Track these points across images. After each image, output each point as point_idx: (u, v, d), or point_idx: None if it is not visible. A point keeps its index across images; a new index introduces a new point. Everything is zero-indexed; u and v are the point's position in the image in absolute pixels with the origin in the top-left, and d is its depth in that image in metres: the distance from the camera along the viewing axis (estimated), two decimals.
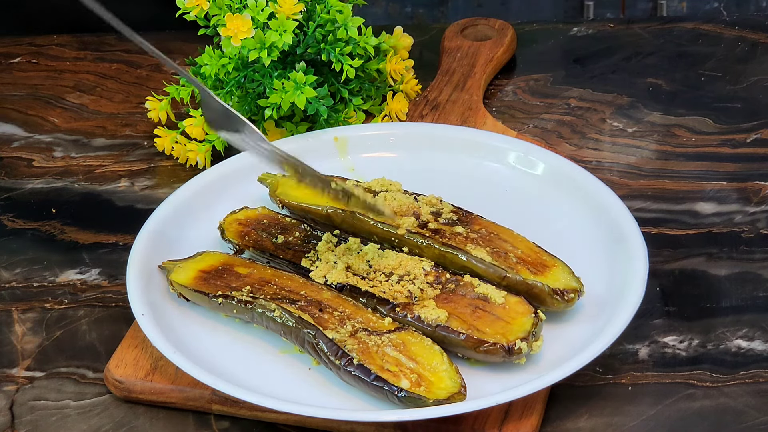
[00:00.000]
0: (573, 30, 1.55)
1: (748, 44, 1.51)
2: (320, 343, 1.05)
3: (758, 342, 1.11)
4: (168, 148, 1.35)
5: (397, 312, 1.08)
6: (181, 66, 1.50)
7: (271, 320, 1.08)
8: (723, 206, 1.26)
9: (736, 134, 1.36)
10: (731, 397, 1.07)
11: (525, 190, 1.25)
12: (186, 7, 1.31)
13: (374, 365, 1.03)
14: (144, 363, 1.10)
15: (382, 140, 1.31)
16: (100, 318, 1.18)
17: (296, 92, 1.27)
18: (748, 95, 1.42)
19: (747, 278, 1.18)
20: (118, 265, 1.22)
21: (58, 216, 1.30)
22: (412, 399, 1.01)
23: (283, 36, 1.27)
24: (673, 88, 1.44)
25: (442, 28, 1.53)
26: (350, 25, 1.31)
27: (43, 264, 1.24)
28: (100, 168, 1.37)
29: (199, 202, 1.24)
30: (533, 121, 1.40)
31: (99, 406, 1.09)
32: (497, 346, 1.05)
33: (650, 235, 1.22)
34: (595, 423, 1.05)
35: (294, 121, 1.35)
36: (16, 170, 1.37)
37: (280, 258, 1.16)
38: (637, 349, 1.11)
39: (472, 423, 1.03)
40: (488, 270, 1.11)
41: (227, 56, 1.30)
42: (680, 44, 1.51)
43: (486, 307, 1.08)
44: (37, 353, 1.14)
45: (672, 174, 1.31)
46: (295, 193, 1.22)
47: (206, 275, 1.13)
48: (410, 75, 1.40)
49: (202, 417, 1.08)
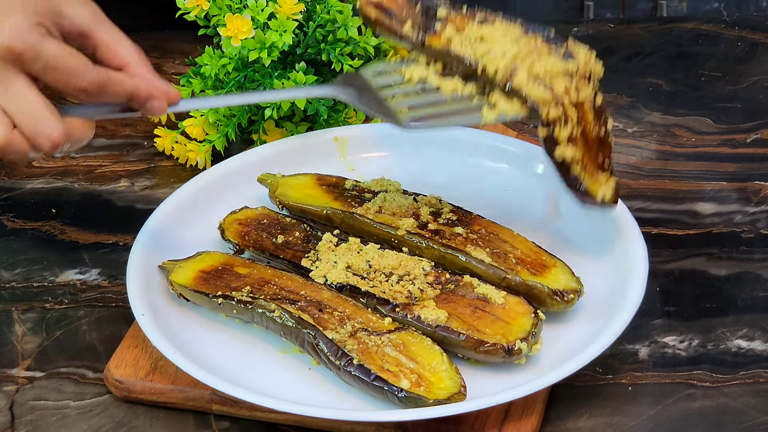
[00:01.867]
0: (573, 30, 1.55)
1: (748, 44, 1.51)
2: (320, 344, 1.05)
3: (758, 342, 1.11)
4: (168, 148, 1.35)
5: (397, 312, 1.08)
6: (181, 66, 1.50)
7: (271, 320, 1.08)
8: (723, 206, 1.26)
9: (736, 134, 1.36)
10: (731, 397, 1.07)
11: (525, 190, 1.25)
12: (186, 7, 1.31)
13: (374, 365, 1.03)
14: (144, 363, 1.10)
15: (382, 140, 1.31)
16: (100, 318, 1.18)
17: None
18: (748, 95, 1.42)
19: (747, 278, 1.18)
20: (118, 265, 1.22)
21: (58, 216, 1.30)
22: (412, 399, 1.01)
23: (283, 36, 1.27)
24: (673, 88, 1.44)
25: None
26: (350, 25, 1.31)
27: (43, 264, 1.24)
28: (100, 168, 1.37)
29: (199, 202, 1.24)
30: (533, 121, 1.40)
31: (99, 406, 1.09)
32: (497, 347, 1.05)
33: (650, 235, 1.22)
34: (595, 423, 1.05)
35: (294, 121, 1.35)
36: (16, 170, 1.37)
37: (280, 258, 1.16)
38: (637, 349, 1.11)
39: (472, 423, 1.03)
40: (488, 271, 1.11)
41: (227, 56, 1.30)
42: (680, 44, 1.51)
43: (486, 308, 1.08)
44: (37, 353, 1.14)
45: (672, 174, 1.31)
46: (295, 193, 1.22)
47: (206, 275, 1.13)
48: None
49: (202, 417, 1.08)
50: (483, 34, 1.09)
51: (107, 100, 1.04)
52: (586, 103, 1.06)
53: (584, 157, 1.06)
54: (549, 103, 1.05)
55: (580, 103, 1.05)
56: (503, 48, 1.07)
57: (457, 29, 1.10)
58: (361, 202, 1.20)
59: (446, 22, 1.11)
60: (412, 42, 1.11)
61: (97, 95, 1.03)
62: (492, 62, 1.07)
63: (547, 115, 1.05)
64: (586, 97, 1.06)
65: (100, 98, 1.04)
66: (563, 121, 1.05)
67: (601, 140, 1.07)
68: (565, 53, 1.07)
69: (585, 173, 1.07)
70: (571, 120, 1.05)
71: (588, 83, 1.06)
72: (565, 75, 1.06)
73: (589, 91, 1.06)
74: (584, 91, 1.05)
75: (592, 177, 1.07)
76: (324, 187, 1.23)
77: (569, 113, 1.05)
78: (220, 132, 1.33)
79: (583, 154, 1.06)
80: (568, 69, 1.06)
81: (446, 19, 1.11)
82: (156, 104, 1.06)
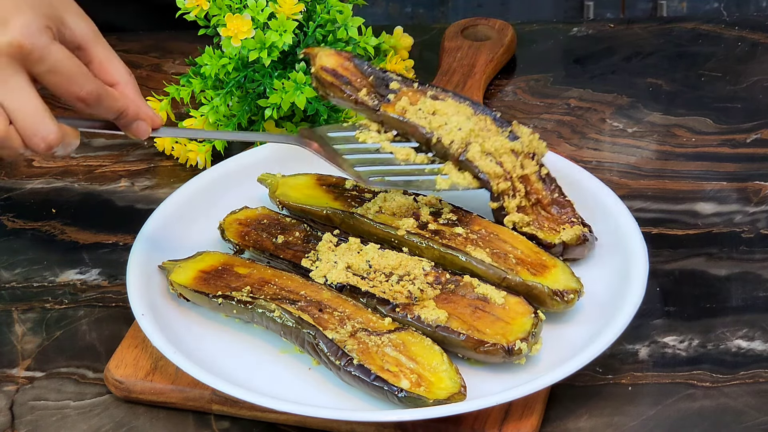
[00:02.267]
0: (573, 30, 1.55)
1: (748, 44, 1.51)
2: (320, 344, 1.05)
3: (758, 342, 1.11)
4: (168, 148, 1.35)
5: (397, 312, 1.08)
6: (181, 66, 1.50)
7: (271, 320, 1.08)
8: (723, 206, 1.26)
9: (736, 134, 1.36)
10: (731, 397, 1.07)
11: None
12: (186, 7, 1.31)
13: (374, 365, 1.03)
14: (144, 363, 1.10)
15: None
16: (100, 318, 1.18)
17: (296, 92, 1.27)
18: (748, 95, 1.42)
19: (747, 278, 1.18)
20: (118, 265, 1.22)
21: (58, 216, 1.30)
22: (412, 399, 1.01)
23: (283, 36, 1.27)
24: (673, 88, 1.44)
25: (442, 28, 1.53)
26: (350, 25, 1.31)
27: (43, 264, 1.24)
28: (100, 168, 1.37)
29: (199, 202, 1.24)
30: (533, 121, 1.40)
31: (99, 406, 1.09)
32: (497, 347, 1.05)
33: (650, 235, 1.22)
34: (595, 423, 1.05)
35: (294, 121, 1.35)
36: (16, 170, 1.37)
37: (280, 258, 1.16)
38: (637, 349, 1.11)
39: (472, 423, 1.03)
40: (488, 271, 1.11)
41: (227, 56, 1.30)
42: (680, 44, 1.51)
43: (486, 308, 1.08)
44: (37, 353, 1.14)
45: (672, 174, 1.31)
46: (295, 194, 1.22)
47: (206, 275, 1.13)
48: (410, 75, 1.40)
49: (202, 417, 1.08)
50: (436, 109, 1.17)
51: (100, 113, 1.06)
52: (532, 176, 1.16)
53: (536, 219, 1.16)
54: (499, 177, 1.15)
55: (526, 176, 1.16)
56: (458, 122, 1.16)
57: (410, 102, 1.18)
58: (361, 202, 1.20)
59: (400, 94, 1.19)
60: (369, 107, 1.18)
61: (91, 106, 1.05)
62: (448, 135, 1.16)
63: (497, 187, 1.15)
64: (532, 171, 1.16)
65: (94, 110, 1.05)
66: (512, 193, 1.15)
67: (556, 201, 1.17)
68: (510, 134, 1.17)
69: (539, 230, 1.15)
70: (519, 192, 1.16)
71: (532, 160, 1.17)
72: (512, 153, 1.16)
73: (533, 167, 1.16)
74: (528, 167, 1.16)
75: (547, 231, 1.15)
76: (324, 187, 1.23)
77: (517, 186, 1.16)
78: None
79: (535, 217, 1.16)
80: (514, 148, 1.16)
81: (399, 91, 1.19)
82: (142, 126, 1.09)
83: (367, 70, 1.19)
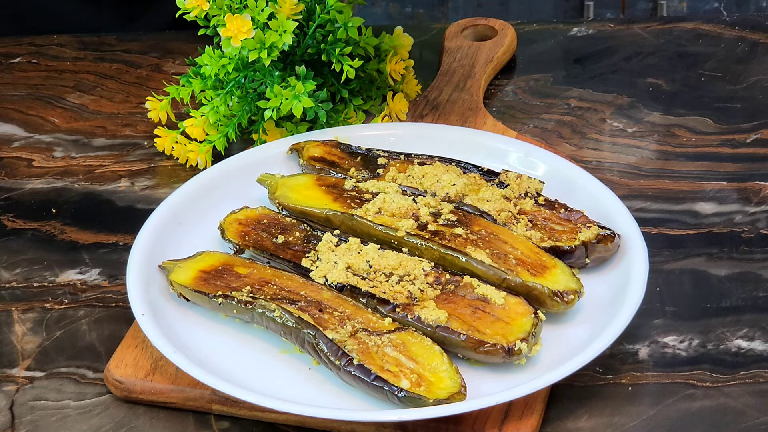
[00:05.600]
0: (573, 30, 1.56)
1: (748, 44, 1.51)
2: (320, 344, 1.05)
3: (758, 342, 1.12)
4: (168, 148, 1.35)
5: (397, 312, 1.08)
6: (181, 66, 1.50)
7: (271, 320, 1.08)
8: (723, 206, 1.26)
9: (736, 134, 1.36)
10: (731, 397, 1.07)
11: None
12: (186, 7, 1.31)
13: (374, 365, 1.03)
14: (144, 363, 1.10)
15: (382, 140, 1.31)
16: (100, 318, 1.18)
17: (294, 100, 1.27)
18: (748, 95, 1.42)
19: (747, 278, 1.18)
20: (118, 265, 1.22)
21: (58, 216, 1.30)
22: (412, 399, 1.01)
23: (283, 36, 1.27)
24: (673, 88, 1.44)
25: (442, 28, 1.53)
26: (350, 25, 1.31)
27: (43, 264, 1.24)
28: (100, 168, 1.37)
29: (199, 202, 1.24)
30: (533, 121, 1.40)
31: (99, 406, 1.09)
32: (497, 347, 1.05)
33: (650, 235, 1.22)
34: (595, 423, 1.05)
35: (294, 121, 1.35)
36: (16, 170, 1.37)
37: (280, 258, 1.16)
38: (637, 349, 1.11)
39: (472, 423, 1.03)
40: (488, 272, 1.11)
41: (227, 56, 1.30)
42: (680, 44, 1.52)
43: (486, 308, 1.08)
44: (37, 353, 1.14)
45: (672, 174, 1.31)
46: (294, 195, 1.22)
47: (206, 275, 1.13)
48: (410, 75, 1.40)
49: (202, 417, 1.08)
50: (425, 173, 1.23)
51: None
52: (532, 208, 1.19)
53: (551, 234, 1.16)
54: (500, 212, 1.18)
55: (524, 210, 1.19)
56: (450, 179, 1.21)
57: (399, 171, 1.24)
58: (360, 203, 1.20)
59: (388, 167, 1.25)
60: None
61: None
62: (442, 189, 1.20)
63: (500, 218, 1.18)
64: (530, 206, 1.19)
65: None
66: (514, 221, 1.18)
67: (565, 213, 1.18)
68: (498, 184, 1.21)
69: (557, 242, 1.15)
70: (522, 219, 1.18)
71: (526, 197, 1.20)
72: (504, 198, 1.20)
73: (530, 203, 1.19)
74: (524, 205, 1.19)
75: (565, 240, 1.16)
76: (323, 187, 1.23)
77: (519, 218, 1.18)
78: (221, 132, 1.33)
79: (549, 233, 1.17)
80: (506, 194, 1.20)
81: (387, 164, 1.25)
82: None
83: (353, 151, 1.27)
